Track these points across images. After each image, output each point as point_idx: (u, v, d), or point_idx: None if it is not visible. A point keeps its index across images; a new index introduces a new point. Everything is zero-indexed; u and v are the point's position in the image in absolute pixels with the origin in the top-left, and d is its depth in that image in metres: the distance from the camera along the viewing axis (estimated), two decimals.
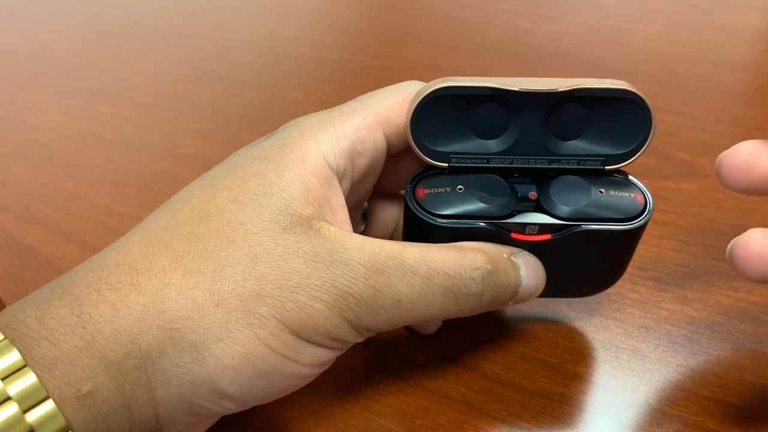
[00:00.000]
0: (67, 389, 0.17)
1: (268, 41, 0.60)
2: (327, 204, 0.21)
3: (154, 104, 0.49)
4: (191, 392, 0.19)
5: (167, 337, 0.18)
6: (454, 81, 0.22)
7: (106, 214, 0.36)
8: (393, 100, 0.23)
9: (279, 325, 0.19)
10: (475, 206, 0.22)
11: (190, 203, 0.21)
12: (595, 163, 0.23)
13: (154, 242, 0.20)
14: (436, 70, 0.52)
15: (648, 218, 0.22)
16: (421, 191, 0.23)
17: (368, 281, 0.20)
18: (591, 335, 0.27)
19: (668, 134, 0.41)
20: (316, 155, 0.21)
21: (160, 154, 0.42)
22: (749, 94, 0.47)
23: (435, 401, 0.25)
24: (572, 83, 0.21)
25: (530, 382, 0.25)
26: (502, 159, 0.23)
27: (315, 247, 0.20)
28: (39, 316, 0.18)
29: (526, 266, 0.22)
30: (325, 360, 0.21)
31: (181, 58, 0.57)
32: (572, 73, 0.27)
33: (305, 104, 0.48)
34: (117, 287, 0.19)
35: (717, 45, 0.54)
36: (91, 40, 0.62)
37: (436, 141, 0.23)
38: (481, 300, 0.22)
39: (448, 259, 0.21)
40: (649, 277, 0.30)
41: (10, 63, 0.57)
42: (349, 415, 0.24)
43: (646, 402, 0.24)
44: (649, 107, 0.22)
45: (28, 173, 0.40)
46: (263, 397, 0.20)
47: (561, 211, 0.22)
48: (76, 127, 0.46)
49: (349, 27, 0.64)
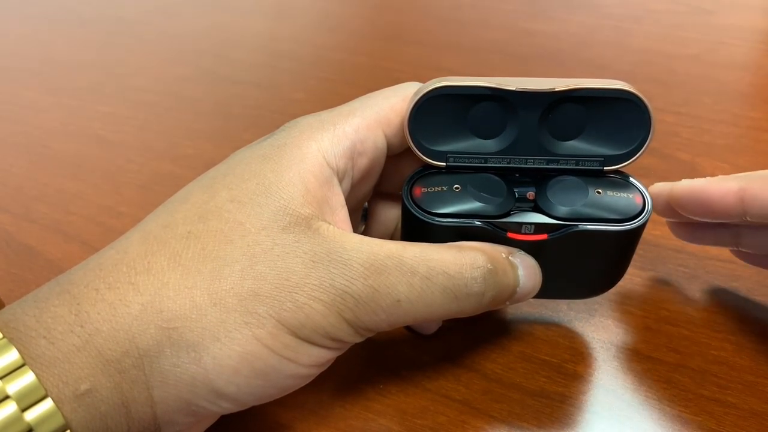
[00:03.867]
0: (65, 388, 0.17)
1: (268, 41, 0.60)
2: (326, 204, 0.21)
3: (154, 104, 0.49)
4: (189, 392, 0.19)
5: (165, 337, 0.18)
6: (451, 80, 0.22)
7: (106, 214, 0.36)
8: (393, 100, 0.23)
9: (277, 324, 0.19)
10: (471, 205, 0.22)
11: (188, 203, 0.21)
12: (594, 164, 0.23)
13: (153, 242, 0.20)
14: (436, 70, 0.52)
15: (646, 219, 0.22)
16: (418, 190, 0.23)
17: (367, 281, 0.20)
18: (591, 335, 0.27)
19: (668, 134, 0.41)
20: (315, 155, 0.21)
21: (160, 154, 0.42)
22: (749, 94, 0.47)
23: (435, 401, 0.25)
24: (570, 83, 0.21)
25: (530, 382, 0.25)
26: (500, 159, 0.23)
27: (314, 247, 0.20)
28: (37, 315, 0.18)
29: (523, 266, 0.22)
30: (324, 360, 0.21)
31: (181, 58, 0.57)
32: (572, 73, 0.27)
33: (305, 104, 0.48)
34: (115, 286, 0.18)
35: (717, 45, 0.54)
36: (91, 40, 0.62)
37: (433, 140, 0.23)
38: (483, 300, 0.22)
39: (447, 258, 0.21)
40: (649, 277, 0.30)
41: (10, 63, 0.57)
42: (349, 415, 0.24)
43: (646, 402, 0.24)
44: (648, 107, 0.22)
45: (28, 173, 0.40)
46: (262, 397, 0.20)
47: (558, 211, 0.22)
48: (76, 127, 0.46)
49: (349, 27, 0.64)
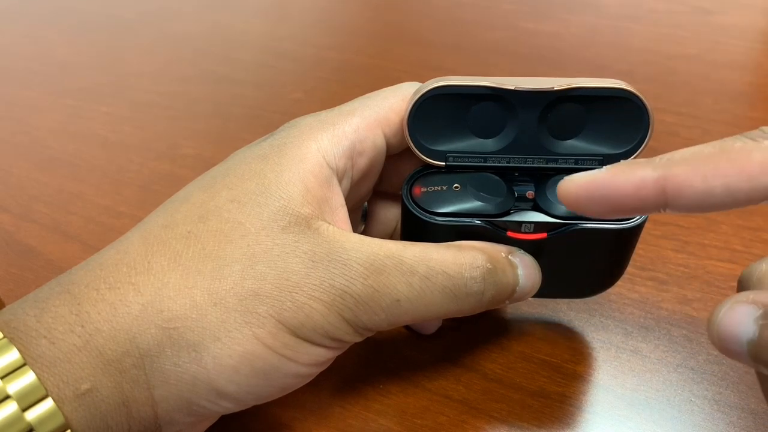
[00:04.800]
0: (65, 388, 0.17)
1: (268, 41, 0.60)
2: (326, 204, 0.21)
3: (154, 104, 0.49)
4: (190, 391, 0.19)
5: (165, 337, 0.18)
6: (450, 80, 0.22)
7: (106, 214, 0.36)
8: (392, 100, 0.23)
9: (277, 324, 0.19)
10: (471, 204, 0.22)
11: (189, 202, 0.21)
12: (593, 163, 0.23)
13: (153, 241, 0.20)
14: (436, 70, 0.52)
15: (645, 218, 0.22)
16: (417, 189, 0.23)
17: (367, 281, 0.20)
18: (591, 335, 0.27)
19: (668, 134, 0.41)
20: (315, 155, 0.21)
21: (159, 154, 0.42)
22: (749, 94, 0.47)
23: (435, 401, 0.25)
24: (569, 82, 0.21)
25: (530, 382, 0.25)
26: (500, 158, 0.23)
27: (313, 247, 0.20)
28: (38, 314, 0.18)
29: (522, 265, 0.22)
30: (324, 359, 0.21)
31: (181, 58, 0.57)
32: (572, 73, 0.27)
33: (305, 104, 0.48)
34: (116, 286, 0.19)
35: (717, 45, 0.54)
36: (91, 40, 0.62)
37: (433, 140, 0.23)
38: (482, 299, 0.22)
39: (447, 258, 0.21)
40: (649, 277, 0.30)
41: (10, 63, 0.57)
42: (349, 415, 0.24)
43: (646, 402, 0.24)
44: (646, 106, 0.22)
45: (28, 173, 0.40)
46: (262, 396, 0.20)
47: (557, 210, 0.22)
48: (76, 127, 0.46)
49: (349, 27, 0.64)
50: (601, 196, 0.18)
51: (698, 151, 0.17)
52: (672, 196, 0.17)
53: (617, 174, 0.17)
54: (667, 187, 0.17)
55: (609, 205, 0.18)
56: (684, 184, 0.16)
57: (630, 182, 0.17)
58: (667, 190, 0.17)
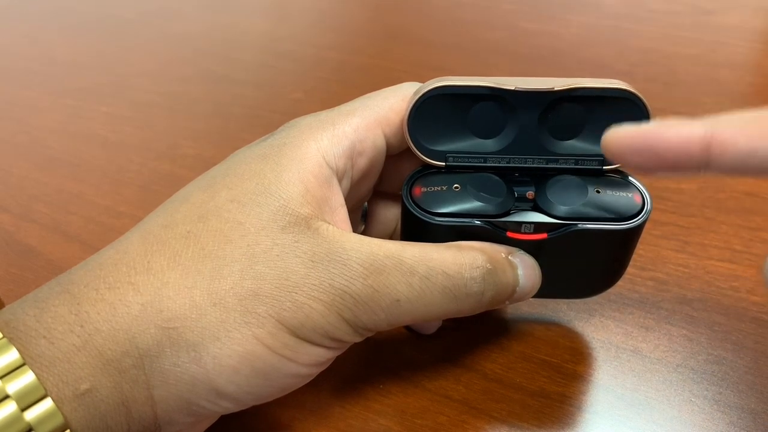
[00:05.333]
0: (65, 387, 0.17)
1: (268, 41, 0.60)
2: (326, 204, 0.21)
3: (154, 104, 0.49)
4: (189, 391, 0.19)
5: (165, 336, 0.18)
6: (450, 80, 0.22)
7: (106, 214, 0.36)
8: (392, 100, 0.23)
9: (277, 324, 0.19)
10: (471, 205, 0.22)
11: (188, 202, 0.21)
12: (593, 163, 0.23)
13: (153, 241, 0.20)
14: (436, 70, 0.52)
15: (645, 218, 0.22)
16: (417, 189, 0.23)
17: (366, 281, 0.20)
18: (591, 335, 0.27)
19: None
20: (315, 155, 0.21)
21: (159, 154, 0.42)
22: (749, 94, 0.47)
23: (435, 401, 0.25)
24: (568, 83, 0.22)
25: (530, 382, 0.25)
26: (500, 158, 0.23)
27: (313, 247, 0.20)
28: (37, 314, 0.18)
29: (522, 266, 0.22)
30: (324, 359, 0.21)
31: (181, 58, 0.57)
32: (572, 73, 0.28)
33: (305, 104, 0.48)
34: (115, 286, 0.19)
35: (717, 45, 0.54)
36: (91, 39, 0.62)
37: (433, 140, 0.23)
38: (482, 299, 0.22)
39: (447, 258, 0.21)
40: (649, 277, 0.30)
41: (10, 63, 0.57)
42: (349, 414, 0.24)
43: (646, 402, 0.24)
44: (646, 106, 0.22)
45: (28, 173, 0.40)
46: (261, 396, 0.20)
47: (557, 211, 0.22)
48: (76, 127, 0.46)
49: (349, 27, 0.64)
50: (647, 147, 0.18)
51: (745, 114, 0.18)
52: (716, 153, 0.17)
53: (666, 127, 0.18)
54: (713, 143, 0.17)
55: (653, 157, 0.18)
56: (728, 142, 0.17)
57: (678, 135, 0.18)
58: (712, 146, 0.17)
